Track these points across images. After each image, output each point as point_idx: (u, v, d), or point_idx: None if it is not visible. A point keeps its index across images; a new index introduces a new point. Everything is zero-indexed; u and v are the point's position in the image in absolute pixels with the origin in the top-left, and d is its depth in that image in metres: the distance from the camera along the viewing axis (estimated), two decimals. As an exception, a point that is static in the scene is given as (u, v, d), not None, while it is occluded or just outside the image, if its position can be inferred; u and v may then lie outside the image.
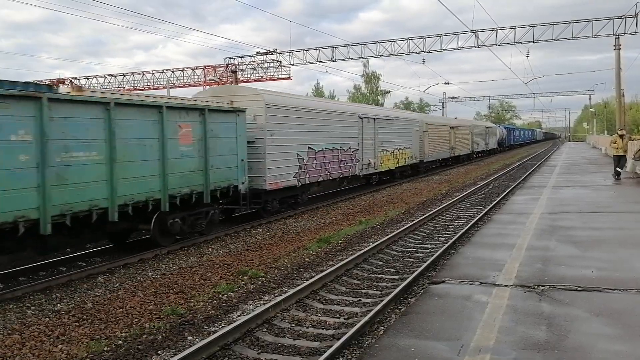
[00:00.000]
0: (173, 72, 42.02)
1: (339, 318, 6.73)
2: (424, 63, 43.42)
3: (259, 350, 5.75)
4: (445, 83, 65.31)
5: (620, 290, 6.42)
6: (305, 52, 37.34)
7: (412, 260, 9.76)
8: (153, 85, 42.85)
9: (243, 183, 12.38)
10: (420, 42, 34.64)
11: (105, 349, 5.81)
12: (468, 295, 6.48)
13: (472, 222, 12.68)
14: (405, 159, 25.09)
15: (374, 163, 20.93)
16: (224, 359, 5.57)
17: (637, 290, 6.39)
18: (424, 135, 28.39)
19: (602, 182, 19.03)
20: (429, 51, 34.81)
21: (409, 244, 11.15)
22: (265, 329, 6.33)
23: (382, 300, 6.97)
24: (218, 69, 40.19)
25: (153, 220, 10.03)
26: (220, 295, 7.70)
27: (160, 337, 6.15)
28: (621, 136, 20.28)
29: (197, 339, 6.06)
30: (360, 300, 7.45)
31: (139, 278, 8.69)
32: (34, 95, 7.59)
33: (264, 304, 7.24)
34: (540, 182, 20.37)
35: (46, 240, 8.19)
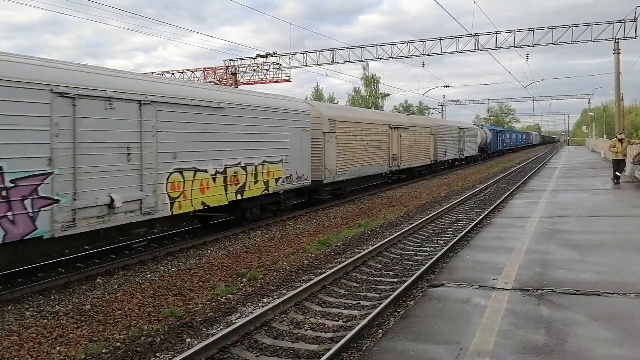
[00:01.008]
0: (173, 73, 42.01)
1: (337, 321, 6.72)
2: (424, 66, 43.09)
3: (258, 353, 5.74)
4: (444, 86, 65.46)
5: (619, 294, 6.42)
6: (305, 54, 37.43)
7: (411, 263, 9.75)
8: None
9: None
10: (420, 45, 34.74)
11: (104, 350, 5.80)
12: (467, 299, 6.48)
13: (471, 226, 12.68)
14: (267, 182, 13.22)
15: (142, 201, 9.36)
16: (222, 362, 5.56)
17: (636, 294, 6.39)
18: (327, 138, 17.02)
19: (601, 186, 19.04)
20: (429, 54, 34.91)
21: (407, 247, 11.15)
22: (263, 332, 6.32)
23: (381, 303, 6.97)
24: (218, 71, 40.22)
25: None
26: (219, 298, 7.70)
27: (158, 339, 6.14)
28: (620, 140, 20.30)
29: (195, 341, 6.06)
30: (359, 303, 7.44)
31: (137, 280, 8.68)
32: None
33: (263, 306, 7.23)
34: (540, 186, 20.39)
35: None
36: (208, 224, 13.54)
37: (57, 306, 7.33)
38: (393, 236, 11.56)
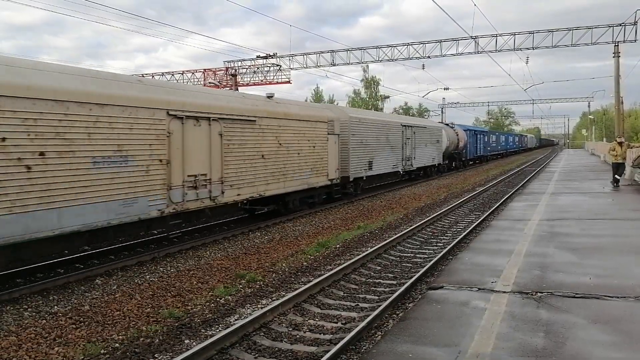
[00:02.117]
0: (173, 75, 41.98)
1: (336, 323, 6.72)
2: (424, 68, 43.15)
3: (256, 355, 5.73)
4: (444, 89, 65.77)
5: (618, 297, 6.42)
6: (305, 56, 37.44)
7: (410, 265, 9.75)
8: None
9: None
10: (420, 47, 34.75)
11: (102, 351, 5.79)
12: (466, 301, 6.47)
13: (471, 228, 12.67)
14: None
15: None
16: (221, 363, 5.55)
17: (635, 297, 6.39)
18: None
19: (600, 190, 19.05)
20: (429, 57, 34.90)
21: (407, 249, 11.14)
22: (262, 333, 6.31)
23: (379, 305, 6.96)
24: (218, 72, 40.23)
25: None
26: (217, 299, 7.68)
27: (157, 340, 6.13)
28: (620, 143, 20.33)
29: (194, 343, 6.05)
30: (358, 305, 7.44)
31: (136, 281, 8.68)
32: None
33: (262, 307, 7.22)
34: (539, 189, 20.39)
35: None
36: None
37: (55, 307, 7.32)
38: (392, 238, 11.55)
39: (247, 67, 39.45)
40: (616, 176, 19.89)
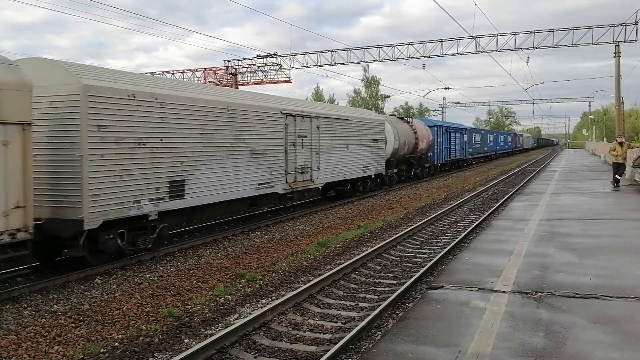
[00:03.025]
0: (173, 74, 41.96)
1: (336, 322, 6.71)
2: (424, 68, 43.26)
3: (256, 354, 5.73)
4: (445, 88, 65.67)
5: (618, 297, 6.42)
6: (305, 55, 37.45)
7: (410, 265, 9.74)
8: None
9: None
10: (420, 47, 34.78)
11: (102, 350, 5.79)
12: (466, 301, 6.47)
13: (471, 228, 12.66)
14: None
15: None
16: (220, 362, 5.55)
17: (635, 297, 6.38)
18: None
19: (600, 190, 19.04)
20: (429, 56, 34.92)
21: (407, 249, 11.13)
22: (262, 333, 6.31)
23: (379, 305, 6.96)
24: (218, 72, 40.22)
25: None
26: (217, 298, 7.68)
27: (157, 339, 6.13)
28: (620, 144, 20.32)
29: (193, 342, 6.04)
30: (357, 304, 7.43)
31: (136, 280, 8.67)
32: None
33: (262, 307, 7.22)
34: (539, 189, 20.38)
35: None
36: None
37: (55, 306, 7.32)
38: (392, 238, 11.55)
39: (247, 66, 39.46)
40: (616, 176, 19.88)
